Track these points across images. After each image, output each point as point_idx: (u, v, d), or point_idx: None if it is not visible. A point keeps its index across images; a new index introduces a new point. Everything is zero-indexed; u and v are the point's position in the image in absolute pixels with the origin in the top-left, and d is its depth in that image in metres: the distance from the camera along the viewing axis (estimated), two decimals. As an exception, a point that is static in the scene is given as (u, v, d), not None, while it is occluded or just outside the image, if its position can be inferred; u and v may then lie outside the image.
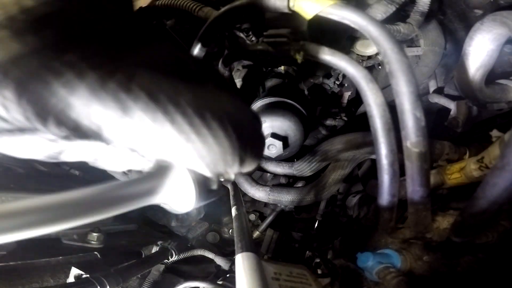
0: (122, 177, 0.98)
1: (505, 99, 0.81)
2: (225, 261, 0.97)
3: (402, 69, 0.43)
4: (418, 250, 0.62)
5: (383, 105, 0.46)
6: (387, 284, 0.56)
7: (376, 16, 0.65)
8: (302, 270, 0.45)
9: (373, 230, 0.75)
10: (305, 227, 1.26)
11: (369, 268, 0.61)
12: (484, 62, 0.72)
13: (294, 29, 0.53)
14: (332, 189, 0.90)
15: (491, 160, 0.60)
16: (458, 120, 0.84)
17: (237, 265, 0.38)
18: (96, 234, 0.82)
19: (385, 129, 0.47)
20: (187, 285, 0.75)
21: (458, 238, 0.58)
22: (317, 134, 1.04)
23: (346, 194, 1.17)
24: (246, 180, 0.94)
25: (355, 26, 0.46)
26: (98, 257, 0.78)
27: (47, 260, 0.69)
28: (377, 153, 0.50)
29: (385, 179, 0.51)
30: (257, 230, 1.21)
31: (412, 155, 0.47)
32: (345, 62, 0.49)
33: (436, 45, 0.87)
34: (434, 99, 0.94)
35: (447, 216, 0.63)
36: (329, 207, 1.19)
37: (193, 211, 1.17)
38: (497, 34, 0.67)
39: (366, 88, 0.47)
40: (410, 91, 0.42)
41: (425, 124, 0.44)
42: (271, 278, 0.40)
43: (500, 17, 0.65)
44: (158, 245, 0.99)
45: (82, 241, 0.81)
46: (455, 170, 0.69)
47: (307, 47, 0.51)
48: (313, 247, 1.12)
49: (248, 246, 0.42)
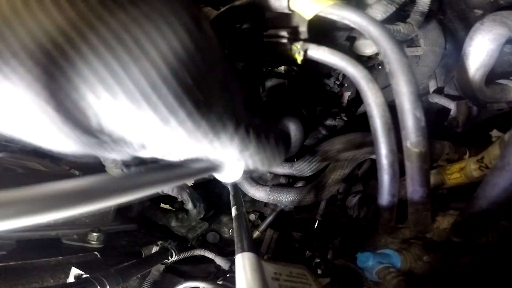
0: (122, 177, 0.98)
1: (505, 99, 0.81)
2: (225, 261, 0.97)
3: (402, 69, 0.42)
4: (418, 250, 0.62)
5: (383, 105, 0.46)
6: (387, 284, 0.56)
7: (376, 16, 0.65)
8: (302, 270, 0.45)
9: (373, 230, 0.75)
10: (305, 227, 1.26)
11: (369, 268, 0.61)
12: (484, 62, 0.72)
13: (294, 29, 0.53)
14: (332, 189, 0.90)
15: (491, 160, 0.60)
16: (458, 120, 0.84)
17: (237, 265, 0.38)
18: (96, 234, 0.82)
19: (385, 129, 0.47)
20: (187, 285, 0.75)
21: (458, 238, 0.58)
22: (317, 134, 1.04)
23: (346, 194, 1.16)
24: (246, 180, 0.94)
25: (355, 26, 0.46)
26: (98, 257, 0.78)
27: (47, 260, 0.69)
28: (377, 153, 0.50)
29: (385, 179, 0.51)
30: (257, 230, 1.21)
31: (412, 155, 0.47)
32: (345, 62, 0.49)
33: (436, 45, 0.87)
34: (434, 99, 0.94)
35: (447, 216, 0.63)
36: (329, 207, 1.19)
37: (193, 211, 1.17)
38: (497, 34, 0.67)
39: (366, 88, 0.46)
40: (410, 91, 0.42)
41: (425, 124, 0.44)
42: (271, 278, 0.40)
43: (500, 17, 0.65)
44: (158, 245, 0.99)
45: (82, 241, 0.81)
46: (455, 170, 0.69)
47: (307, 47, 0.51)
48: (313, 247, 1.12)
49: (248, 246, 0.42)
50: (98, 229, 0.84)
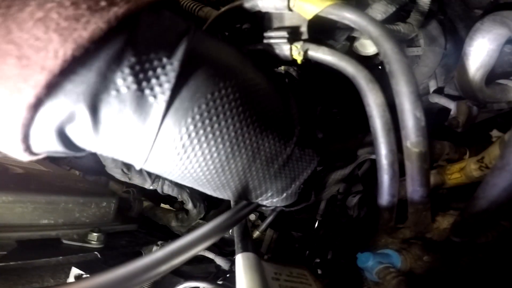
0: (122, 177, 0.99)
1: (505, 99, 0.81)
2: (225, 261, 0.97)
3: (402, 69, 0.42)
4: (418, 250, 0.62)
5: (383, 105, 0.46)
6: (387, 284, 0.56)
7: (376, 16, 0.65)
8: (302, 270, 0.45)
9: (373, 230, 0.75)
10: (305, 227, 1.26)
11: (369, 268, 0.61)
12: (484, 62, 0.72)
13: (294, 29, 0.53)
14: (332, 189, 0.90)
15: (491, 160, 0.60)
16: (458, 120, 0.84)
17: (237, 266, 0.38)
18: (96, 234, 0.82)
19: (385, 129, 0.47)
20: (187, 285, 0.75)
21: (458, 238, 0.58)
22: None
23: (346, 194, 1.16)
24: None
25: (355, 26, 0.46)
26: (98, 257, 0.78)
27: (47, 260, 0.69)
28: (377, 153, 0.50)
29: (385, 179, 0.51)
30: (257, 230, 1.21)
31: (412, 155, 0.47)
32: (345, 62, 0.48)
33: (436, 45, 0.87)
34: (434, 99, 0.94)
35: (447, 216, 0.63)
36: (329, 207, 1.19)
37: (193, 211, 1.17)
38: (497, 34, 0.67)
39: (366, 88, 0.46)
40: (410, 91, 0.42)
41: (425, 124, 0.44)
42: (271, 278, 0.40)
43: (500, 17, 0.65)
44: (158, 245, 0.99)
45: (82, 241, 0.82)
46: (455, 170, 0.69)
47: (307, 47, 0.51)
48: (313, 247, 1.12)
49: (248, 246, 0.42)
50: (98, 229, 0.84)
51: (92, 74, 0.26)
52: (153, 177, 1.04)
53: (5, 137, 0.27)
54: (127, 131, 0.31)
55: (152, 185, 1.04)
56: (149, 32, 0.30)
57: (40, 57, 0.24)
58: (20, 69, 0.24)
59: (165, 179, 1.08)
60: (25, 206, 0.74)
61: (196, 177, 0.39)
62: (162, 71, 0.30)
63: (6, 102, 0.25)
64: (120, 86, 0.28)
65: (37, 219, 0.76)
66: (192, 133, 0.33)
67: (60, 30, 0.24)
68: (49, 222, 0.79)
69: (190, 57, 0.32)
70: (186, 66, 0.32)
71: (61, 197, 0.82)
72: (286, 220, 1.27)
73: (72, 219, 0.84)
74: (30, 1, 0.25)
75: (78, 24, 0.24)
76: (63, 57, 0.24)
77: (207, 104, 0.33)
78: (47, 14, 0.24)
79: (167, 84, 0.30)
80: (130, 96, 0.29)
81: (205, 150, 0.35)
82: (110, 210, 0.96)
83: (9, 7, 0.24)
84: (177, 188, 1.11)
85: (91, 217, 0.89)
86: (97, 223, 0.90)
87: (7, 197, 0.71)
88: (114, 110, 0.29)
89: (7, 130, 0.26)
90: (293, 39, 0.51)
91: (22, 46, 0.24)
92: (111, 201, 0.96)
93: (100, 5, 0.26)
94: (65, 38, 0.24)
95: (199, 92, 0.32)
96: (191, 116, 0.32)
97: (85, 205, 0.87)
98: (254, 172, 0.42)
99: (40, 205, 0.76)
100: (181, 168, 0.36)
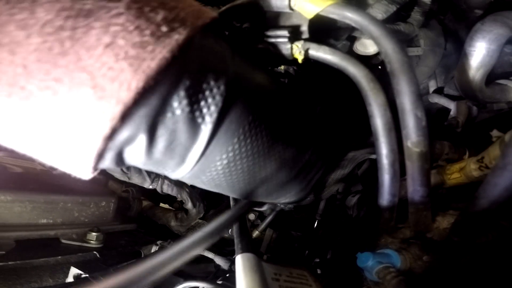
0: (121, 176, 0.98)
1: (505, 99, 0.81)
2: (225, 261, 0.97)
3: (403, 68, 0.42)
4: (418, 250, 0.62)
5: (384, 105, 0.46)
6: (387, 284, 0.56)
7: (376, 15, 0.65)
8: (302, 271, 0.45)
9: (372, 230, 0.75)
10: (304, 227, 1.26)
11: (369, 268, 0.61)
12: (484, 62, 0.72)
13: (295, 28, 0.52)
14: (331, 189, 0.89)
15: (491, 160, 0.60)
16: (458, 120, 0.84)
17: (237, 267, 0.38)
18: (95, 234, 0.82)
19: (386, 129, 0.47)
20: (187, 285, 0.75)
21: (458, 238, 0.58)
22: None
23: (346, 194, 1.16)
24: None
25: (356, 26, 0.46)
26: (97, 256, 0.78)
27: (46, 259, 0.69)
28: (377, 152, 0.50)
29: (385, 179, 0.51)
30: (257, 230, 1.21)
31: (412, 154, 0.46)
32: (346, 61, 0.48)
33: (436, 45, 0.87)
34: (434, 99, 0.94)
35: (447, 216, 0.63)
36: (329, 207, 1.19)
37: (192, 210, 1.17)
38: (498, 34, 0.67)
39: (367, 87, 0.46)
40: (411, 90, 0.42)
41: (426, 124, 0.44)
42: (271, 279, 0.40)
43: (501, 17, 0.65)
44: (157, 244, 0.99)
45: (81, 241, 0.81)
46: (455, 170, 0.69)
47: (308, 46, 0.51)
48: (312, 247, 1.12)
49: (248, 247, 0.42)
50: (97, 229, 0.84)
51: (155, 98, 0.27)
52: (152, 176, 1.03)
53: (75, 163, 0.28)
54: (177, 150, 0.32)
55: (151, 184, 1.04)
56: (199, 54, 0.31)
57: (115, 89, 0.24)
58: (96, 101, 0.24)
59: (165, 178, 1.08)
60: (24, 206, 0.73)
61: (231, 185, 0.42)
62: (210, 94, 0.31)
63: (81, 132, 0.25)
64: (176, 108, 0.29)
65: (36, 219, 0.76)
66: (236, 151, 0.36)
67: (130, 59, 0.24)
68: (48, 221, 0.78)
69: (235, 80, 0.34)
70: (232, 90, 0.33)
71: (60, 197, 0.81)
72: (285, 219, 1.27)
73: (71, 218, 0.83)
74: (93, 23, 0.24)
75: (145, 53, 0.24)
76: (135, 89, 0.24)
77: (250, 124, 0.36)
78: (113, 40, 0.24)
79: (214, 107, 0.32)
80: (183, 117, 0.30)
81: (244, 165, 0.39)
82: (109, 210, 0.96)
83: (75, 29, 0.24)
84: (177, 188, 1.11)
85: (90, 216, 0.89)
86: (96, 222, 0.90)
87: (5, 196, 0.71)
88: (168, 130, 0.30)
89: (80, 158, 0.27)
90: (294, 38, 0.51)
91: (95, 76, 0.24)
92: (110, 201, 0.95)
93: (162, 30, 0.26)
94: (135, 69, 0.24)
95: (244, 114, 0.35)
96: (237, 137, 0.35)
97: (84, 205, 0.87)
98: (279, 179, 0.47)
99: (39, 205, 0.76)
100: (221, 179, 0.40)
